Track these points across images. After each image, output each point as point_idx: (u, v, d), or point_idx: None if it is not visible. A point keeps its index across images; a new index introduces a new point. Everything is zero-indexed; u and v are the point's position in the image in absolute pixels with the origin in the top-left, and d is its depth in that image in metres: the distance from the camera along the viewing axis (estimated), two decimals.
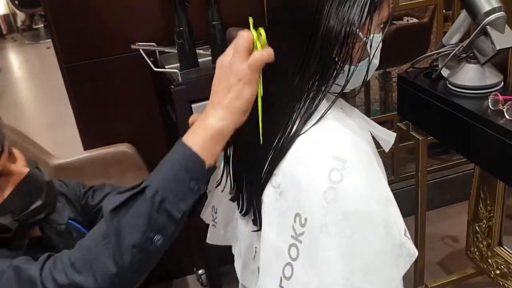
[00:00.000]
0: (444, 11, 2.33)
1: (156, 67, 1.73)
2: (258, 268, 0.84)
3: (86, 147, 2.04)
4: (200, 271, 2.28)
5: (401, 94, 1.66)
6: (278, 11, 0.77)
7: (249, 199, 0.85)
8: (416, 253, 0.73)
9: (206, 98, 1.69)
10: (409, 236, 0.73)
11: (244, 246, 0.94)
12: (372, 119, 0.91)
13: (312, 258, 0.69)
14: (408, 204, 1.86)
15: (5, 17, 7.39)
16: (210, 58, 1.81)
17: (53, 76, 4.40)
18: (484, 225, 1.82)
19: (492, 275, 1.82)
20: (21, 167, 0.88)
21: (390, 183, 0.73)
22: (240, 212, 0.90)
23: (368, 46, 0.72)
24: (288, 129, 0.74)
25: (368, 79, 0.78)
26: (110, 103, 2.00)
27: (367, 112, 2.78)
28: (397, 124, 1.90)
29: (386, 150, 0.90)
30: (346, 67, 0.74)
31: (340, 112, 0.78)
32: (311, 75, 0.73)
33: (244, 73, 0.74)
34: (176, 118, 1.66)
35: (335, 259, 0.68)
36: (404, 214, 0.76)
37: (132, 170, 2.04)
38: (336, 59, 0.72)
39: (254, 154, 0.80)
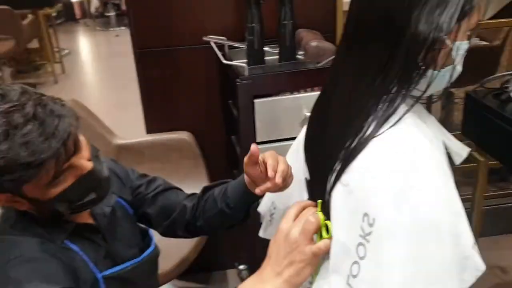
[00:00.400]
0: None
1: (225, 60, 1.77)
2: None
3: (149, 131, 2.12)
4: (241, 266, 2.31)
5: (467, 113, 1.63)
6: (365, 11, 0.78)
7: (318, 195, 0.86)
8: (484, 267, 0.72)
9: (268, 94, 1.73)
10: (477, 250, 0.73)
11: None
12: None
13: (378, 259, 0.70)
14: None
15: (80, 3, 7.73)
16: (277, 57, 1.84)
17: (119, 62, 4.59)
18: None
19: None
20: (85, 162, 0.91)
21: None
22: None
23: (453, 52, 0.73)
24: (364, 129, 0.75)
25: (450, 85, 0.78)
26: (175, 92, 2.06)
27: None
28: (472, 152, 1.86)
29: (457, 163, 0.89)
30: (429, 72, 0.74)
31: (417, 118, 0.78)
32: (393, 77, 0.74)
33: (309, 256, 0.78)
34: (238, 112, 1.70)
35: (400, 264, 0.69)
36: None
37: (189, 158, 2.10)
38: (421, 63, 0.73)
39: (326, 152, 0.82)
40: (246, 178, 1.04)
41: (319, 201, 0.82)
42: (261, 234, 1.22)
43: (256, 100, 1.65)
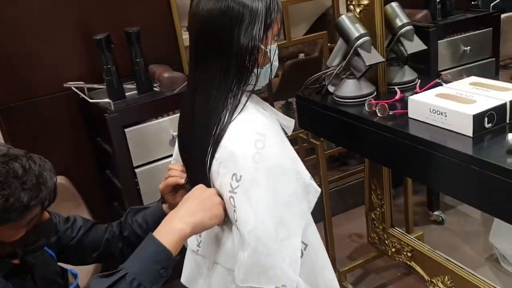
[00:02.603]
0: (329, 44, 2.77)
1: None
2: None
3: None
4: None
5: (299, 109, 2.02)
6: (201, 38, 1.06)
7: (197, 179, 1.11)
8: (320, 189, 1.06)
9: (136, 123, 1.93)
10: (313, 180, 1.06)
11: None
12: None
13: (247, 203, 0.98)
14: (318, 210, 2.21)
15: None
16: (135, 91, 2.07)
17: None
18: (378, 212, 2.20)
19: (389, 254, 2.19)
20: (46, 213, 1.06)
21: None
22: None
23: (268, 53, 1.05)
24: (222, 119, 1.04)
25: (272, 77, 1.12)
26: (43, 140, 2.17)
27: None
28: (299, 135, 2.26)
29: (289, 133, 1.22)
30: (255, 70, 1.06)
31: (256, 104, 1.10)
32: (232, 79, 1.04)
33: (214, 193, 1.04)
34: (111, 144, 1.89)
35: (264, 200, 0.98)
36: (315, 220, 1.10)
37: (68, 200, 2.20)
38: (248, 65, 1.04)
39: (199, 145, 1.08)
40: (164, 206, 1.26)
41: None
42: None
43: (126, 129, 1.87)
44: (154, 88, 2.07)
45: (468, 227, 2.62)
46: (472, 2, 2.72)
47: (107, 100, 1.91)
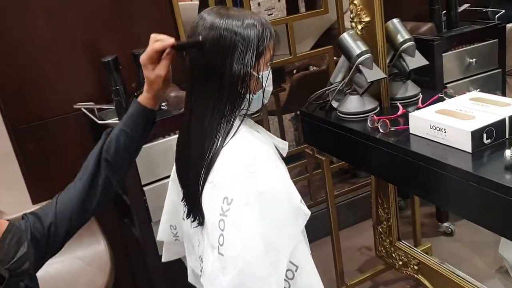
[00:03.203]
0: (335, 57, 2.80)
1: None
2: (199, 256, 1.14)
3: (35, 201, 2.23)
4: None
5: (304, 125, 2.05)
6: (196, 65, 1.10)
7: (191, 202, 1.15)
8: (309, 213, 1.07)
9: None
10: (303, 203, 1.08)
11: (191, 243, 1.24)
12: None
13: (236, 227, 1.00)
14: (325, 224, 2.22)
15: None
16: None
17: None
18: (385, 226, 2.21)
19: (397, 267, 2.20)
20: (2, 220, 0.97)
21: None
22: (187, 217, 1.19)
23: (261, 79, 1.09)
24: (215, 144, 1.07)
25: (266, 102, 1.15)
26: (54, 160, 2.22)
27: None
28: (305, 150, 2.28)
29: (284, 155, 1.24)
30: (248, 96, 1.09)
31: (250, 128, 1.13)
32: (225, 104, 1.08)
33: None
34: None
35: (255, 223, 1.00)
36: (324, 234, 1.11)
37: None
38: (240, 91, 1.07)
39: (193, 168, 1.11)
40: (145, 92, 1.16)
41: None
42: (164, 259, 1.46)
43: None
44: (162, 107, 2.11)
45: (477, 239, 2.61)
46: (483, 10, 2.71)
47: (115, 120, 1.95)
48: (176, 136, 2.01)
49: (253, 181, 1.01)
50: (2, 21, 2.03)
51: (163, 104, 2.13)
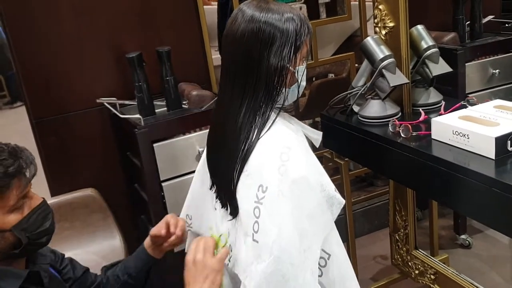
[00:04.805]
0: (356, 64, 2.80)
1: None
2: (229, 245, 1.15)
3: (53, 193, 2.26)
4: None
5: (324, 129, 2.04)
6: (233, 58, 1.11)
7: (226, 194, 1.15)
8: (344, 201, 1.09)
9: (164, 138, 1.99)
10: (337, 192, 1.09)
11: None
12: None
13: (271, 214, 1.01)
14: (341, 231, 2.21)
15: None
16: (165, 108, 2.14)
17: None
18: (402, 234, 2.19)
19: (413, 276, 2.17)
20: (37, 196, 1.11)
21: None
22: (222, 207, 1.19)
23: (296, 74, 1.10)
24: (251, 136, 1.08)
25: (300, 96, 1.16)
26: (75, 153, 2.25)
27: None
28: (324, 154, 2.28)
29: (317, 146, 1.25)
30: (284, 90, 1.10)
31: (284, 120, 1.15)
32: (261, 97, 1.09)
33: (217, 265, 1.08)
34: (140, 158, 1.95)
35: (289, 211, 1.01)
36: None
37: (97, 212, 2.26)
38: (276, 85, 1.08)
39: (229, 159, 1.12)
40: (147, 242, 1.33)
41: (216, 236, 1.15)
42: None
43: (155, 144, 1.93)
44: (183, 105, 2.13)
45: (495, 252, 2.57)
46: (506, 25, 2.71)
47: (137, 116, 1.98)
48: (195, 134, 2.08)
49: (286, 169, 1.02)
50: (30, 18, 2.07)
51: (184, 102, 2.14)
